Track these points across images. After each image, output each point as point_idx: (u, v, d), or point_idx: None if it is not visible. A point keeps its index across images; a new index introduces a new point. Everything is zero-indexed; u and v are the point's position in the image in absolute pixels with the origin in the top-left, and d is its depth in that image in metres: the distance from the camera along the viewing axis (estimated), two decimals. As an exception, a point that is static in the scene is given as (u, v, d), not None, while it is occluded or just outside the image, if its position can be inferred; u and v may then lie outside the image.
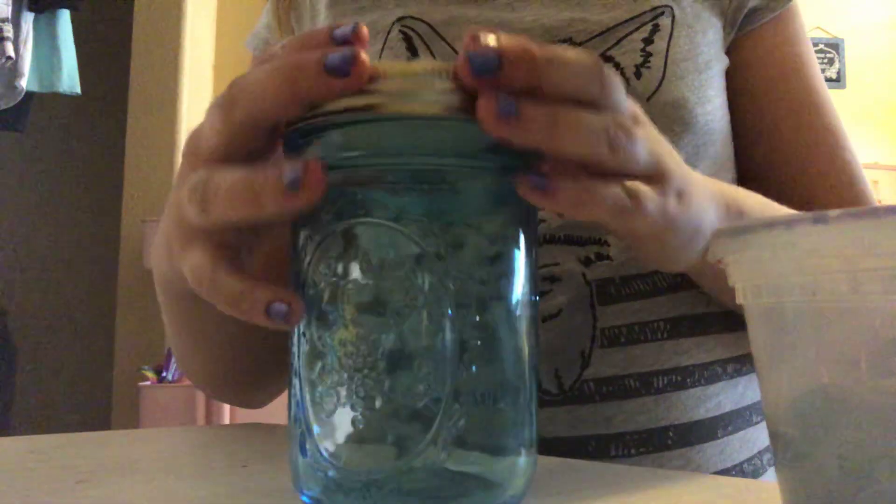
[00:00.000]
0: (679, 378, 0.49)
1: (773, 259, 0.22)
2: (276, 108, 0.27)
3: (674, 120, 0.50)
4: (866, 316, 0.20)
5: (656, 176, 0.31)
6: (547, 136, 0.27)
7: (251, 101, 0.28)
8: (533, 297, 0.30)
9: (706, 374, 0.50)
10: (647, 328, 0.49)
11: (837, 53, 3.57)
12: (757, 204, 0.44)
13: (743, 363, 0.52)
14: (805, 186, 0.56)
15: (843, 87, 3.55)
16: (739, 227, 0.23)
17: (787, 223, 0.21)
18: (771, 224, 0.21)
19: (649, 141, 0.31)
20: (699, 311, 0.51)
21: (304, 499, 0.29)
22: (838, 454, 0.20)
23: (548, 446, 0.47)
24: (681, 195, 0.32)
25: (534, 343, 0.30)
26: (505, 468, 0.29)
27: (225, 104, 0.28)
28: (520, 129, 0.26)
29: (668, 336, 0.50)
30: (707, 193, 0.36)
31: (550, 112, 0.27)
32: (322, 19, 0.58)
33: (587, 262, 0.49)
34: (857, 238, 0.19)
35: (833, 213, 0.20)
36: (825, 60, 3.56)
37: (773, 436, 0.23)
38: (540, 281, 0.49)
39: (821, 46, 3.55)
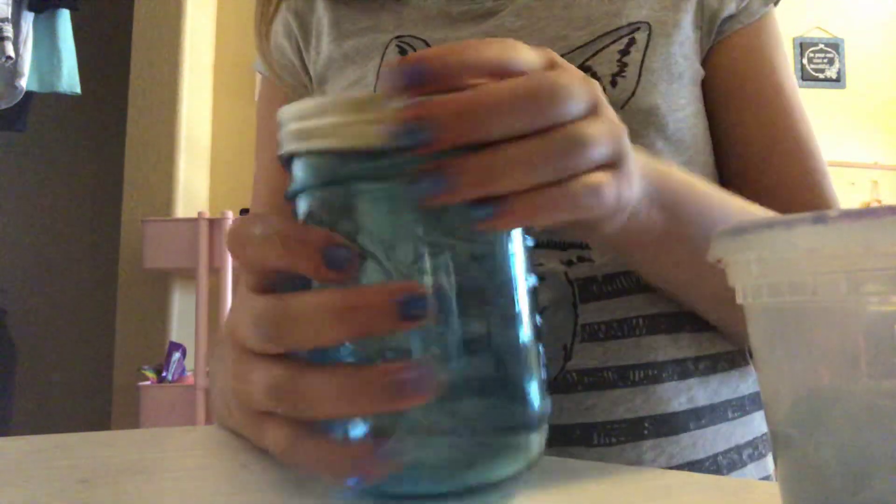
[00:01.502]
0: (654, 372, 0.51)
1: (773, 259, 0.22)
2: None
3: (646, 126, 0.53)
4: (866, 316, 0.20)
5: (613, 163, 0.32)
6: (493, 186, 0.28)
7: (303, 338, 0.27)
8: (528, 277, 0.30)
9: (679, 369, 0.52)
10: (624, 325, 0.51)
11: (837, 53, 3.57)
12: (682, 179, 0.44)
13: (716, 361, 0.54)
14: (766, 188, 0.57)
15: (843, 87, 3.55)
16: (739, 226, 0.23)
17: (788, 223, 0.21)
18: (771, 224, 0.21)
19: (607, 133, 0.31)
20: (674, 310, 0.53)
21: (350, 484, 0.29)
22: (838, 454, 0.20)
23: None
24: (630, 177, 0.33)
25: (532, 329, 0.30)
26: (510, 446, 0.29)
27: (273, 336, 0.27)
28: (459, 193, 0.27)
29: (645, 332, 0.52)
30: (638, 166, 0.36)
31: (487, 166, 0.27)
32: (325, 39, 0.63)
33: (569, 263, 0.52)
34: (857, 238, 0.19)
35: (833, 212, 0.20)
36: (825, 60, 3.56)
37: (773, 436, 0.23)
38: None
39: (821, 46, 3.55)
